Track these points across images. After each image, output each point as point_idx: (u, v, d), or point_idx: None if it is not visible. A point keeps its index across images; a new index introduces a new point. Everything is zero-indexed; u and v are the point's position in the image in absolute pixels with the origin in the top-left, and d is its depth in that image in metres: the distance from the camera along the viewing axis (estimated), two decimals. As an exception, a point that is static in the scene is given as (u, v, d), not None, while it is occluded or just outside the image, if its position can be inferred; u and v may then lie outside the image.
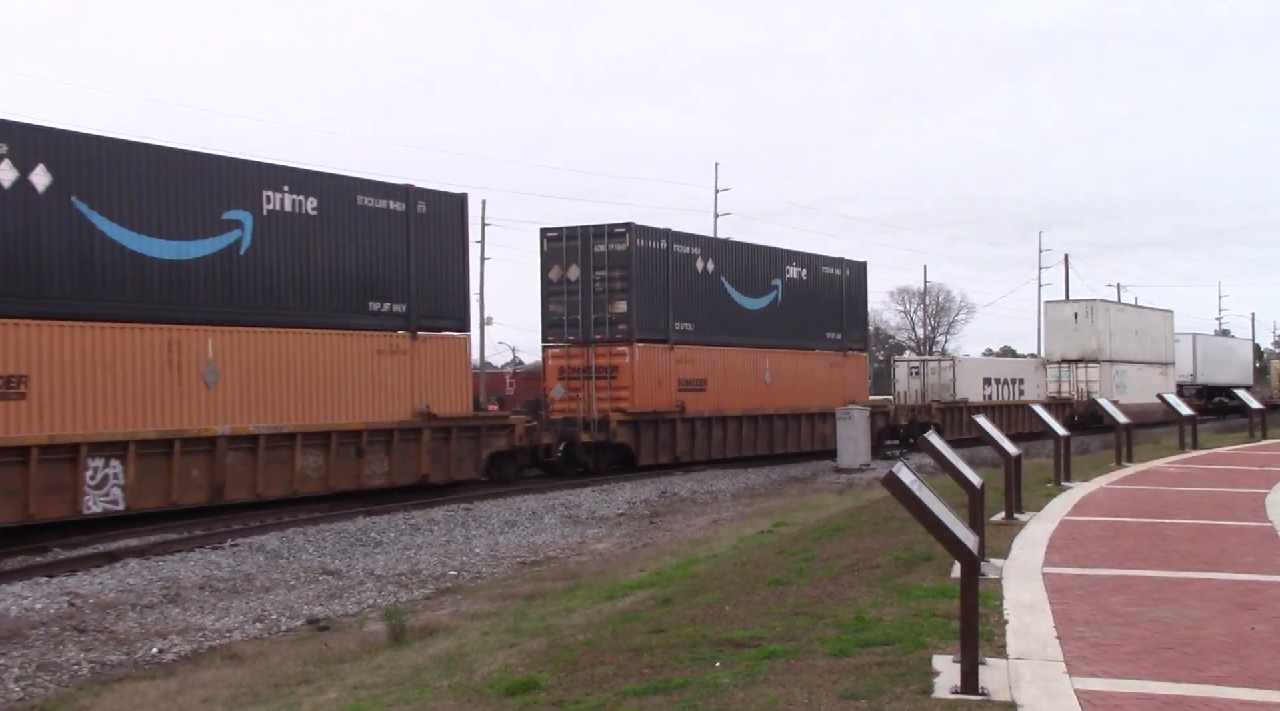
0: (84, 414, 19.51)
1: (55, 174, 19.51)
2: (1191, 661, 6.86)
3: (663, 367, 31.87)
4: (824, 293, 38.52)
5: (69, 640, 12.56)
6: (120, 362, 20.11)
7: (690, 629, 8.33)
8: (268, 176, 22.93)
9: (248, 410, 21.96)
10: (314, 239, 23.64)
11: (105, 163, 20.26)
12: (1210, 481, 17.59)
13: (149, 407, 20.43)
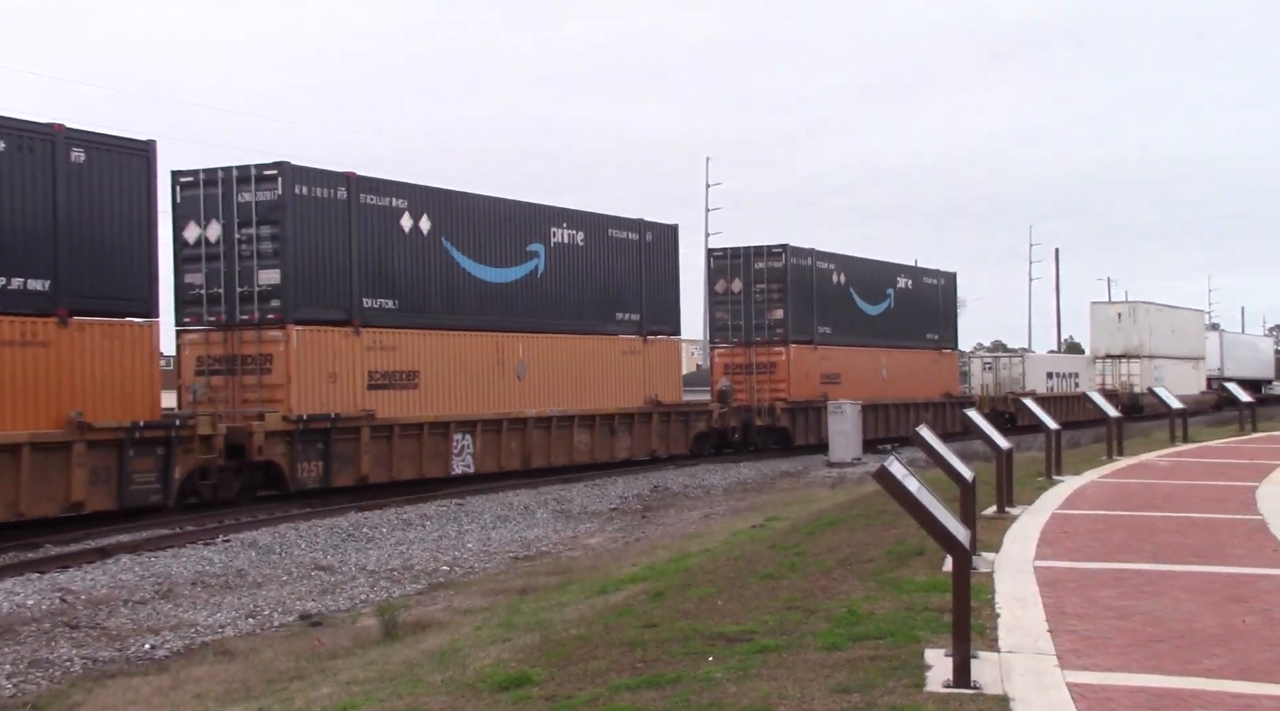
0: (450, 400, 26.22)
1: (433, 221, 26.10)
2: (1183, 654, 6.88)
3: (810, 364, 37.52)
4: (925, 299, 44.38)
5: (61, 636, 12.54)
6: (470, 362, 26.83)
7: (683, 623, 8.34)
8: (554, 216, 29.64)
9: (545, 398, 28.57)
10: (582, 264, 30.11)
11: (459, 210, 26.91)
12: (1201, 474, 17.64)
13: (486, 396, 27.14)
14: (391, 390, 24.85)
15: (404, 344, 25.24)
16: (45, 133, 19.09)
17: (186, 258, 23.31)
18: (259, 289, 23.10)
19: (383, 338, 24.82)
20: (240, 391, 23.16)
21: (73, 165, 19.35)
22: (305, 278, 23.44)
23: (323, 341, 23.75)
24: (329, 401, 23.55)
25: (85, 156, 19.53)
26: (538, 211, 29.23)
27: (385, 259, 24.98)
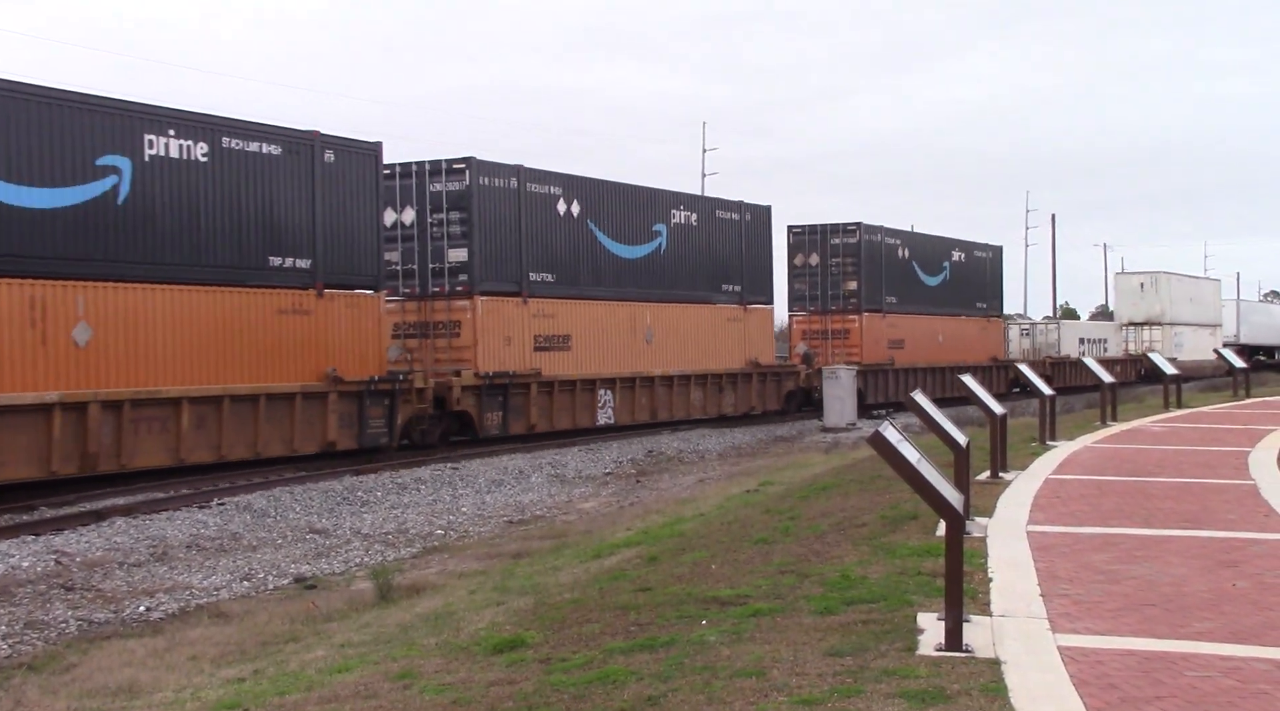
0: (596, 361, 30.21)
1: (581, 206, 30.06)
2: (1174, 617, 6.92)
3: (879, 331, 41.42)
4: (976, 271, 48.14)
5: (56, 598, 12.57)
6: (610, 328, 30.81)
7: (677, 587, 8.37)
8: (673, 200, 33.70)
9: (668, 359, 32.53)
10: (696, 241, 34.11)
11: (601, 195, 30.88)
12: (1194, 440, 17.69)
13: (621, 357, 31.06)
14: (551, 352, 29.07)
15: (560, 312, 29.35)
16: (307, 138, 23.18)
17: (386, 238, 26.15)
18: (449, 265, 27.29)
19: (544, 306, 29.02)
20: (433, 353, 27.38)
21: (325, 165, 23.41)
22: (487, 256, 27.47)
23: (500, 310, 27.84)
24: (506, 361, 27.68)
25: (334, 157, 23.66)
26: (660, 196, 33.23)
27: (547, 239, 29.26)
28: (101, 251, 19.60)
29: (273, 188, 22.41)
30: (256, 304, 22.08)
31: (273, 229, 22.36)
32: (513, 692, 6.17)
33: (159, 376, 20.14)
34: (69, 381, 18.86)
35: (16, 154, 18.52)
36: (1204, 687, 5.61)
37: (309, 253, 22.97)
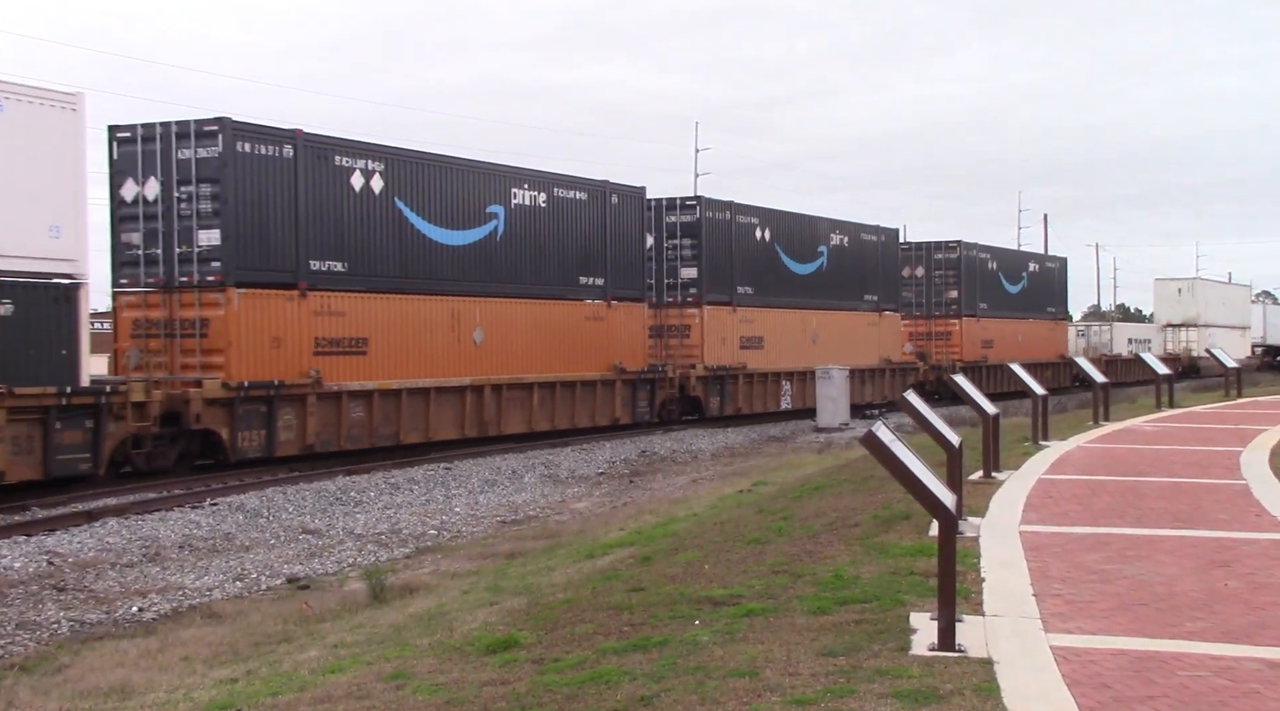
0: (782, 356, 36.68)
1: (771, 230, 36.80)
2: (1165, 617, 6.93)
3: (975, 333, 47.93)
4: (1047, 280, 55.69)
5: (48, 599, 12.55)
6: (792, 332, 36.67)
7: (670, 587, 8.37)
8: (829, 226, 40.09)
9: (828, 356, 36.74)
10: (850, 260, 40.97)
11: (786, 224, 37.82)
12: (1186, 440, 17.72)
13: (798, 354, 36.95)
14: (750, 350, 35.76)
15: (758, 318, 36.50)
16: (601, 186, 30.82)
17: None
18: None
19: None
20: (672, 350, 34.28)
21: (612, 205, 30.99)
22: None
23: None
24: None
25: (617, 199, 31.17)
26: (821, 223, 39.95)
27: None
28: (489, 275, 27.43)
29: (581, 225, 30.16)
30: (573, 312, 30.00)
31: (582, 256, 30.07)
32: (506, 693, 6.17)
33: (520, 367, 27.87)
34: (472, 370, 26.62)
35: (441, 207, 26.13)
36: (1196, 687, 5.63)
37: (603, 273, 30.63)
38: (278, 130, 23.16)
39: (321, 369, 23.31)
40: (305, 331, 23.29)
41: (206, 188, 22.11)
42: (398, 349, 24.84)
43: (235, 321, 22.11)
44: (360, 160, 24.47)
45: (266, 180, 22.72)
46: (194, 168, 22.14)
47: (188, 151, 22.21)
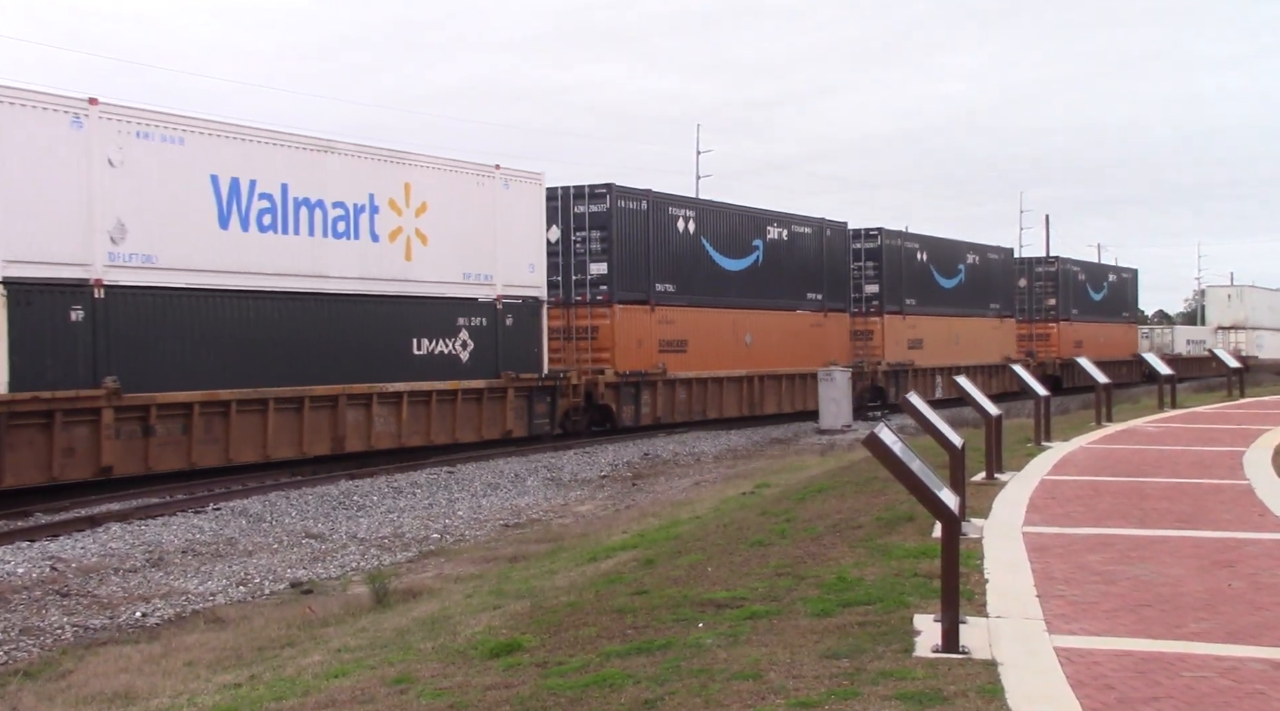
0: (939, 355, 43.87)
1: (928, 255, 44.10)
2: (1169, 618, 6.93)
3: (1069, 334, 55.08)
4: (1123, 288, 63.64)
5: (52, 604, 12.55)
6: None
7: (673, 590, 8.36)
8: (966, 248, 47.28)
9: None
10: (988, 277, 48.90)
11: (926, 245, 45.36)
12: (1189, 440, 17.71)
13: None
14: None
15: (921, 324, 43.69)
16: (818, 222, 38.93)
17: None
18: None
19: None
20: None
21: (826, 237, 38.96)
22: None
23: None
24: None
25: (830, 233, 39.18)
26: (960, 247, 46.94)
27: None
28: (754, 292, 35.51)
29: (807, 253, 38.02)
30: (802, 321, 37.81)
31: (807, 276, 37.99)
32: (509, 696, 6.16)
33: (773, 362, 36.14)
34: (746, 364, 35.00)
35: (727, 242, 34.54)
36: (1200, 688, 5.62)
37: (820, 290, 38.49)
38: (639, 191, 32.00)
39: (664, 363, 32.08)
40: (654, 335, 32.03)
41: (597, 233, 30.73)
42: (705, 348, 33.54)
43: (617, 329, 30.79)
44: (681, 209, 33.36)
45: (632, 227, 31.41)
46: (587, 219, 30.79)
47: (582, 207, 30.90)
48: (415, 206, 25.25)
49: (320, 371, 23.03)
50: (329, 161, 23.53)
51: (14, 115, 18.61)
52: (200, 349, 21.06)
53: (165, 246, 20.50)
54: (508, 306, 27.48)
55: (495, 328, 27.13)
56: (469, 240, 26.53)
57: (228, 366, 21.44)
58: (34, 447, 18.65)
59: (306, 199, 23.07)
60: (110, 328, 19.65)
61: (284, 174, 22.59)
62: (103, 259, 19.60)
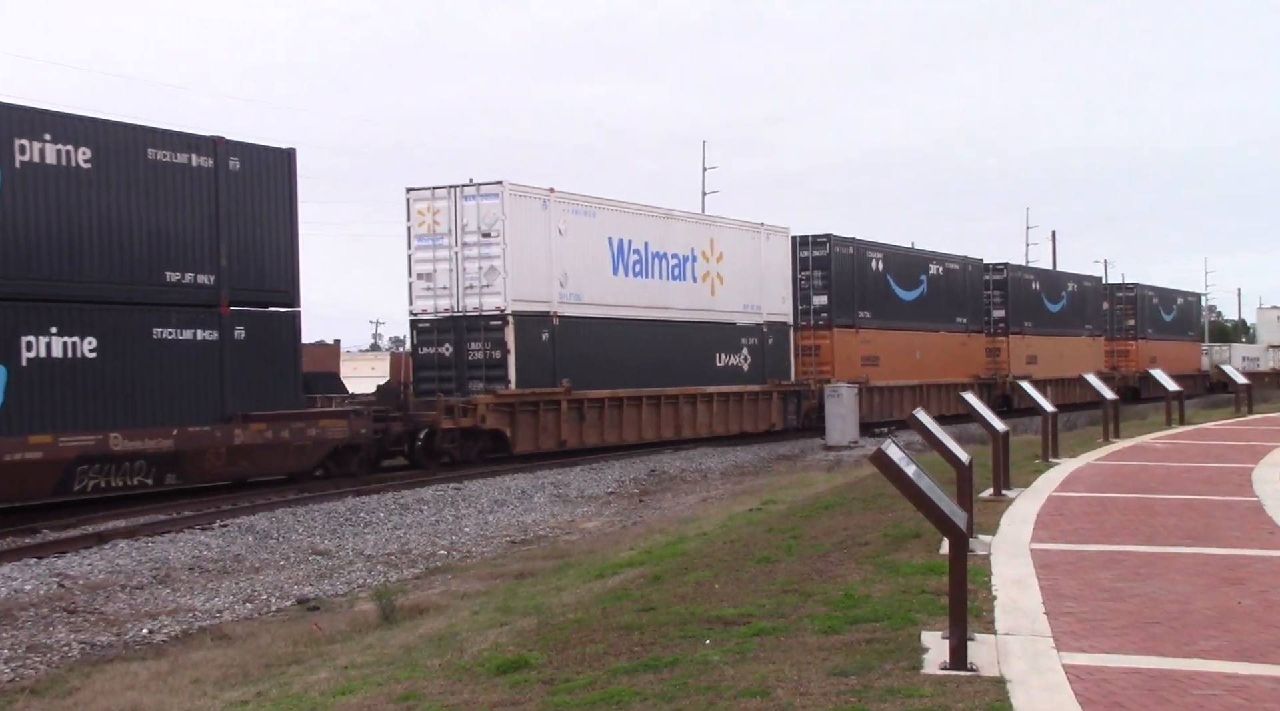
0: (1051, 368, 51.00)
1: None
2: (1179, 635, 6.90)
3: (1144, 351, 62.10)
4: (1190, 310, 72.05)
5: (59, 621, 12.55)
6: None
7: (680, 607, 8.35)
8: (1105, 291, 59.13)
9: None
10: (1088, 301, 58.66)
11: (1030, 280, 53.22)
12: (1197, 456, 17.66)
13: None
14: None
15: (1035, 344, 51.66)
16: (962, 259, 46.16)
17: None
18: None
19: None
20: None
21: (967, 272, 46.42)
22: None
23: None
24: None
25: (972, 267, 46.95)
26: (1097, 289, 58.46)
27: None
28: (922, 317, 42.91)
29: (957, 286, 45.48)
30: (953, 340, 44.84)
31: (956, 304, 45.29)
32: (516, 714, 6.15)
33: (934, 374, 43.02)
34: (918, 375, 42.12)
35: (902, 276, 42.05)
36: (1210, 706, 5.60)
37: (965, 314, 45.75)
38: (846, 238, 39.53)
39: (867, 374, 39.16)
40: (858, 352, 39.52)
41: (819, 273, 38.84)
42: (892, 362, 40.88)
43: (835, 347, 38.76)
44: (874, 252, 41.02)
45: (842, 267, 39.18)
46: (811, 262, 38.84)
47: (807, 252, 38.72)
48: (716, 256, 34.10)
49: (667, 377, 31.84)
50: (671, 225, 32.71)
51: (517, 204, 27.74)
52: (605, 360, 29.90)
53: (586, 288, 29.48)
54: (770, 329, 36.21)
55: (763, 345, 35.88)
56: (746, 279, 35.25)
57: (620, 372, 30.21)
58: (528, 426, 27.83)
59: (658, 252, 32.15)
60: (561, 345, 28.61)
61: (646, 235, 31.63)
62: (556, 297, 28.65)
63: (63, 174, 19.16)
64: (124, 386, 19.82)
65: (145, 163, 20.34)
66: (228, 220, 21.47)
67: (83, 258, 19.44)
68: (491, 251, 27.15)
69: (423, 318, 27.99)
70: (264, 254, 22.19)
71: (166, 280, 20.58)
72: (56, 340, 19.01)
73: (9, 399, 18.27)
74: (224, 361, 21.39)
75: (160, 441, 20.16)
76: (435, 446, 26.48)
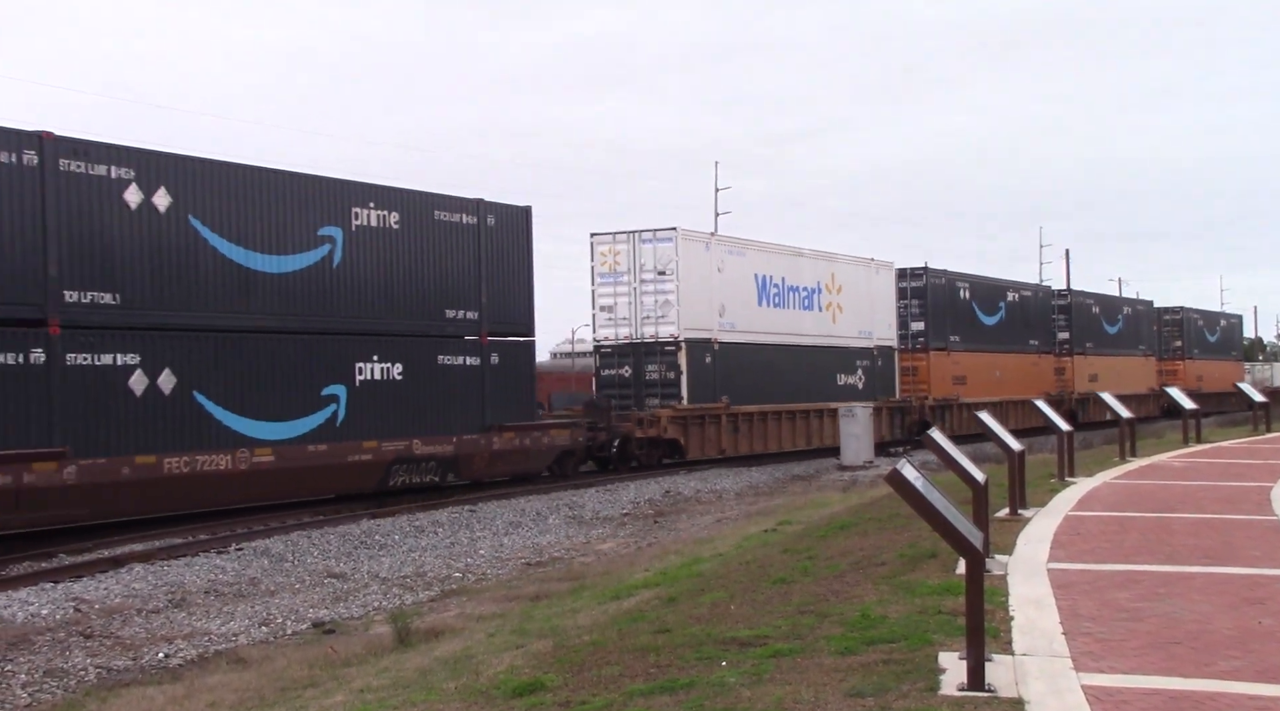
0: (1110, 385, 50.24)
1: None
2: (1199, 656, 6.85)
3: (1194, 371, 66.71)
4: (1232, 331, 76.02)
5: (75, 646, 12.57)
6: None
7: (696, 628, 8.32)
8: (1156, 312, 64.87)
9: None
10: (1140, 327, 63.17)
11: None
12: (1215, 475, 17.57)
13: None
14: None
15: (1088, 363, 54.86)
16: (1034, 287, 51.95)
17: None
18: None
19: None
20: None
21: (1038, 296, 51.97)
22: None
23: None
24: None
25: (1042, 294, 52.55)
26: (1144, 309, 63.31)
27: None
28: (1001, 340, 47.34)
29: (1029, 309, 50.08)
30: (1026, 360, 49.07)
31: (1028, 327, 49.71)
32: (532, 737, 6.12)
33: (1012, 391, 46.15)
34: (999, 393, 45.40)
35: (985, 303, 46.44)
36: (1230, 726, 5.55)
37: (1036, 336, 50.27)
38: (939, 271, 44.01)
39: (958, 392, 43.41)
40: (949, 373, 43.72)
41: (917, 301, 42.88)
42: (977, 381, 44.88)
43: (931, 368, 43.00)
44: (961, 282, 45.24)
45: (937, 296, 43.47)
46: (910, 292, 42.78)
47: (905, 282, 42.84)
48: (836, 287, 38.93)
49: (798, 394, 36.44)
50: (800, 261, 37.61)
51: (687, 246, 32.49)
52: (752, 379, 34.31)
53: (738, 317, 34.21)
54: (879, 352, 40.77)
55: (873, 366, 40.52)
56: (860, 308, 39.87)
57: (763, 391, 34.68)
58: (697, 436, 32.17)
59: (792, 286, 37.02)
60: (720, 367, 33.26)
61: (782, 270, 36.54)
62: (716, 326, 33.39)
63: (381, 234, 24.32)
64: (419, 403, 24.84)
65: (433, 222, 25.56)
66: (487, 266, 26.74)
67: (394, 300, 24.56)
68: (666, 287, 32.05)
69: (605, 343, 32.90)
70: (511, 293, 27.40)
71: (446, 316, 25.82)
72: (377, 366, 24.10)
73: (349, 412, 23.32)
74: (484, 382, 26.49)
75: (445, 447, 25.39)
76: (628, 452, 31.45)
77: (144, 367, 20.03)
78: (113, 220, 19.73)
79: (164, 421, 20.21)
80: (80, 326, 19.22)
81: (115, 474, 19.35)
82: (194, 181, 20.95)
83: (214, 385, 21.06)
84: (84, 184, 19.33)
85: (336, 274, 23.33)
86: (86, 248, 19.41)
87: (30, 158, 18.74)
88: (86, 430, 19.08)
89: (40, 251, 18.77)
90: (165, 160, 20.65)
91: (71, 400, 18.97)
